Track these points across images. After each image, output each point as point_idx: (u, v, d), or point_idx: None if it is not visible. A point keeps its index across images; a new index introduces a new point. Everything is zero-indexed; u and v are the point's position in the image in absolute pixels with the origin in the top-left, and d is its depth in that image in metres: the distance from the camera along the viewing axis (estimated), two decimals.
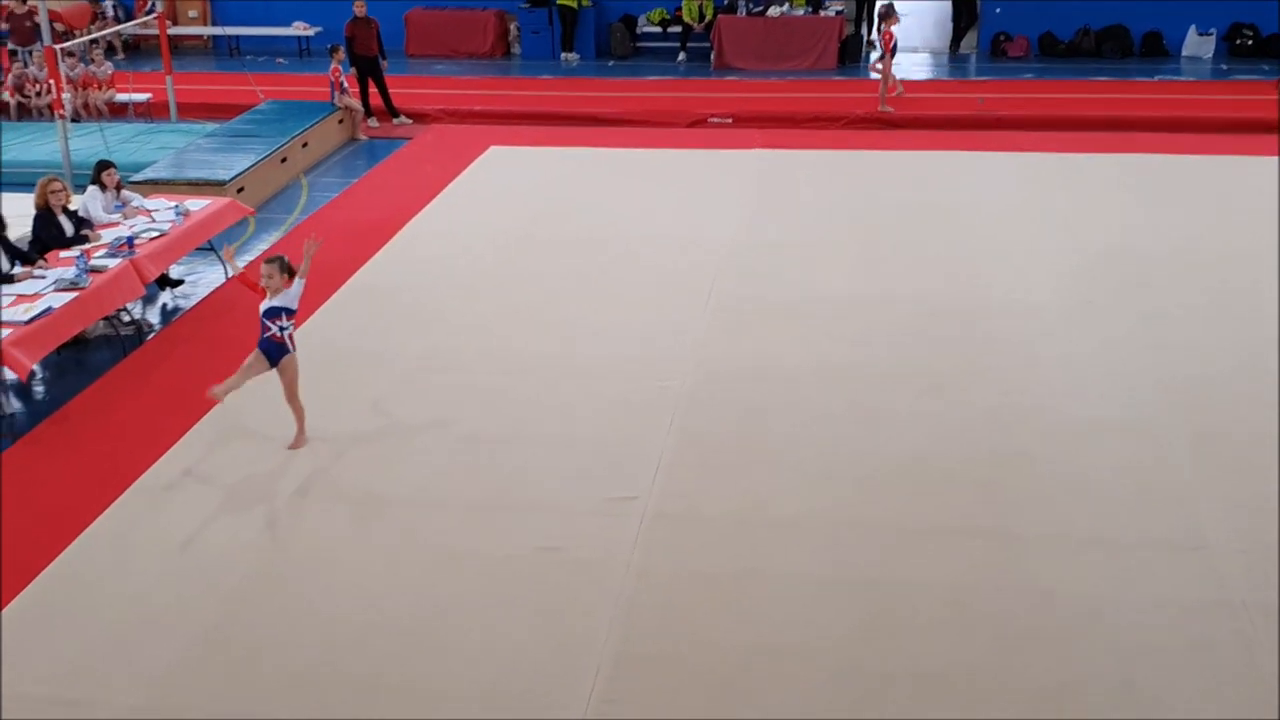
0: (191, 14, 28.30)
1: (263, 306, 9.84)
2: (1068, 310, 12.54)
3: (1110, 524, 8.92)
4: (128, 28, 25.28)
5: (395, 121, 21.57)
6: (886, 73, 20.94)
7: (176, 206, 13.64)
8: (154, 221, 13.27)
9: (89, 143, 18.14)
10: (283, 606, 8.20)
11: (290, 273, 9.90)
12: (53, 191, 12.60)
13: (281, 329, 9.84)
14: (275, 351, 9.87)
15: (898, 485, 9.44)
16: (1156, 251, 14.06)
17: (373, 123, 21.45)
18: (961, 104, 21.36)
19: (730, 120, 21.08)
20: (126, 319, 12.97)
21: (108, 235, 12.78)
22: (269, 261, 9.89)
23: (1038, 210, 15.64)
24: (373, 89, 21.44)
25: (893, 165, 17.87)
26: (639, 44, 26.79)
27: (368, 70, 21.24)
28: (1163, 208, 15.58)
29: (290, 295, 9.86)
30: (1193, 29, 24.95)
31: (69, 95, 17.87)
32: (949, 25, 26.53)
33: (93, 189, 13.52)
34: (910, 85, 22.26)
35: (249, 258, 15.01)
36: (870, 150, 18.72)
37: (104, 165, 13.70)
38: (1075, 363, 11.37)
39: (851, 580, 8.32)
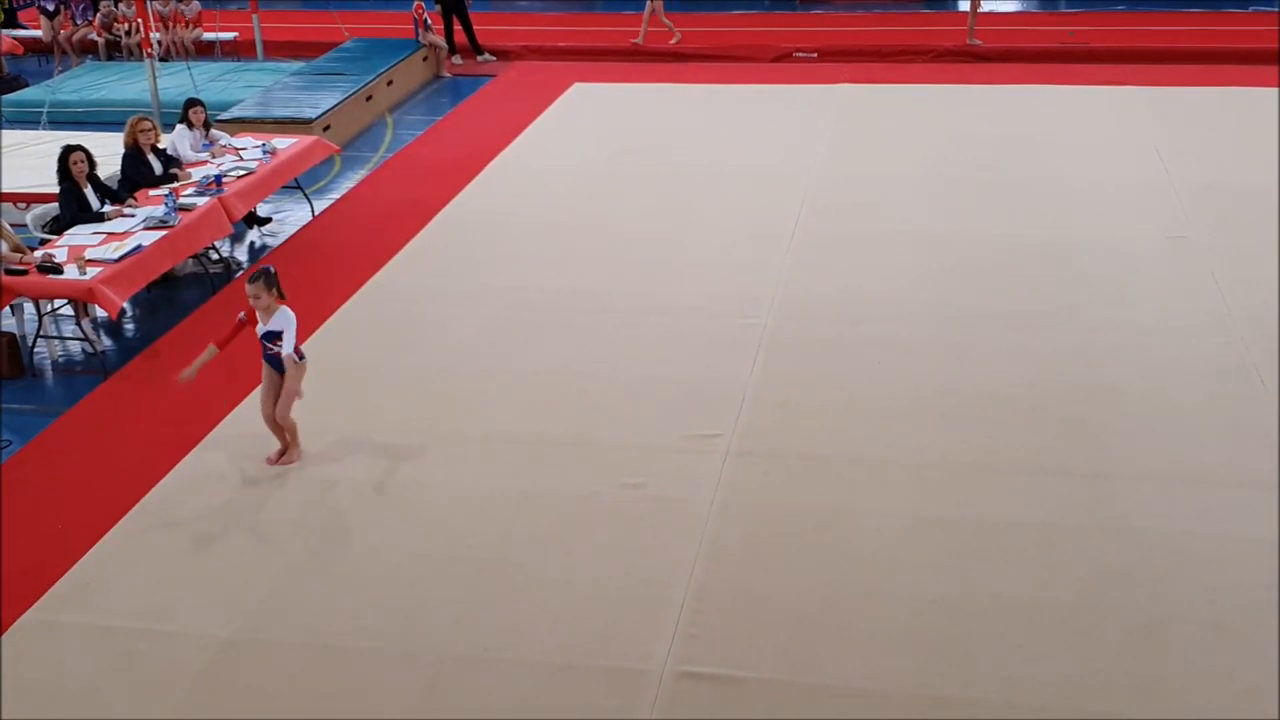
0: None
1: (259, 330, 8.84)
2: (1159, 246, 12.34)
3: (1199, 462, 8.79)
4: None
5: (479, 59, 21.54)
6: (975, 3, 20.63)
7: (264, 145, 13.74)
8: (241, 160, 13.38)
9: (177, 81, 18.28)
10: (369, 541, 8.29)
11: (278, 288, 8.82)
12: (142, 130, 12.71)
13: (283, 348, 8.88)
14: (280, 365, 8.94)
15: (984, 423, 9.36)
16: (1249, 187, 13.77)
17: (457, 60, 21.44)
18: (1051, 36, 21.00)
19: (816, 55, 20.86)
20: (215, 257, 13.09)
21: (196, 174, 12.91)
22: (253, 280, 8.77)
23: (1129, 145, 15.38)
24: (457, 26, 21.41)
25: (981, 99, 17.62)
26: None
27: (453, 7, 21.20)
28: (1256, 143, 15.23)
29: (283, 319, 8.79)
30: None
31: (157, 34, 17.98)
32: None
33: (181, 128, 13.63)
34: (1000, 18, 21.93)
35: (334, 196, 15.10)
36: (958, 84, 18.46)
37: (192, 103, 13.79)
38: (1166, 299, 11.19)
39: (936, 518, 8.27)
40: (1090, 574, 7.68)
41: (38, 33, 23.08)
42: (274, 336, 8.85)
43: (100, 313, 11.43)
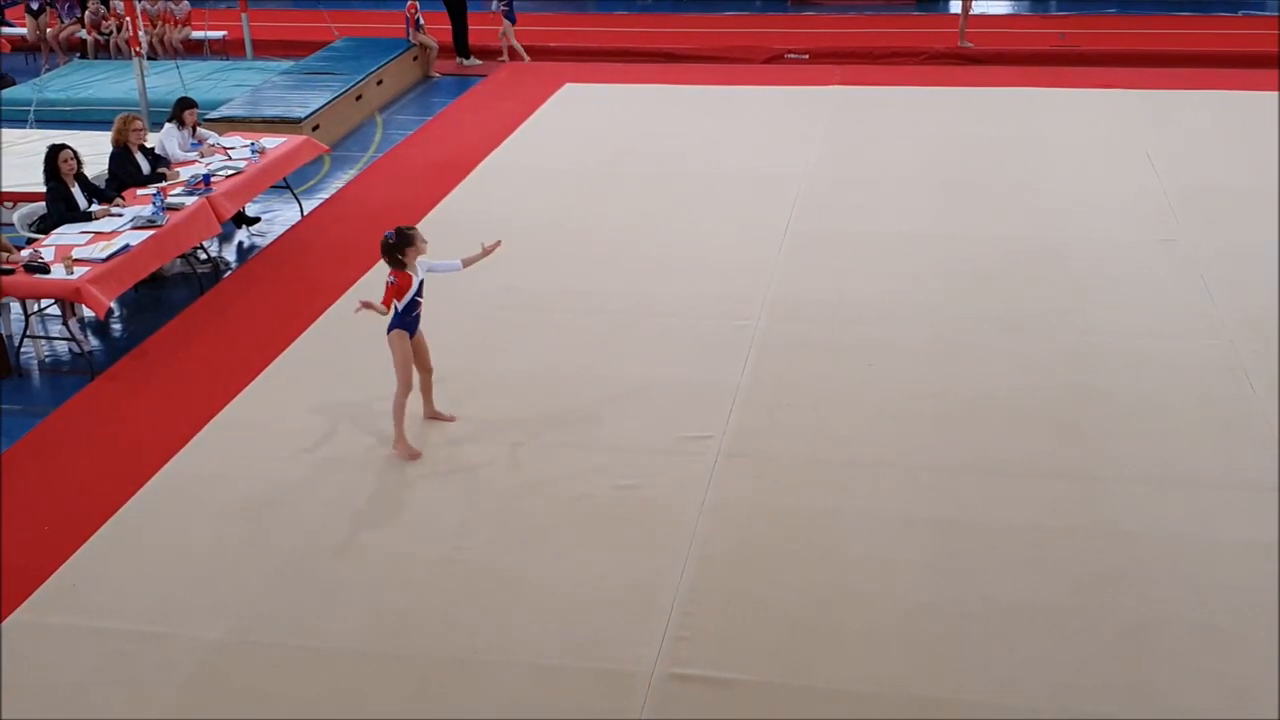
0: None
1: (416, 284, 9.09)
2: (1150, 249, 12.34)
3: (1192, 464, 8.79)
4: None
5: (465, 62, 21.41)
6: (966, 5, 20.64)
7: (252, 144, 13.69)
8: (230, 159, 13.31)
9: (165, 80, 18.22)
10: (360, 543, 8.25)
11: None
12: (130, 129, 12.64)
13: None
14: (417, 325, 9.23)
15: (976, 425, 9.34)
16: (1240, 189, 13.78)
17: (466, 61, 21.31)
18: (1042, 39, 21.03)
19: (807, 56, 20.85)
20: (203, 257, 13.05)
21: (184, 173, 12.85)
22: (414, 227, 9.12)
23: (1119, 148, 15.38)
24: (450, 25, 21.29)
25: (972, 101, 17.62)
26: None
27: (455, 6, 21.08)
28: (1246, 146, 15.26)
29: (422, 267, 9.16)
30: None
31: (145, 33, 17.91)
32: None
33: (169, 126, 13.57)
34: (991, 20, 21.97)
35: (323, 196, 15.05)
36: (950, 86, 18.45)
37: (186, 103, 13.72)
38: (1157, 301, 11.19)
39: (928, 520, 8.25)
40: (1082, 576, 7.67)
41: (24, 30, 22.98)
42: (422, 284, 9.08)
43: (87, 313, 11.37)
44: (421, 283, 9.09)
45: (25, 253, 10.94)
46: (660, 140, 16.26)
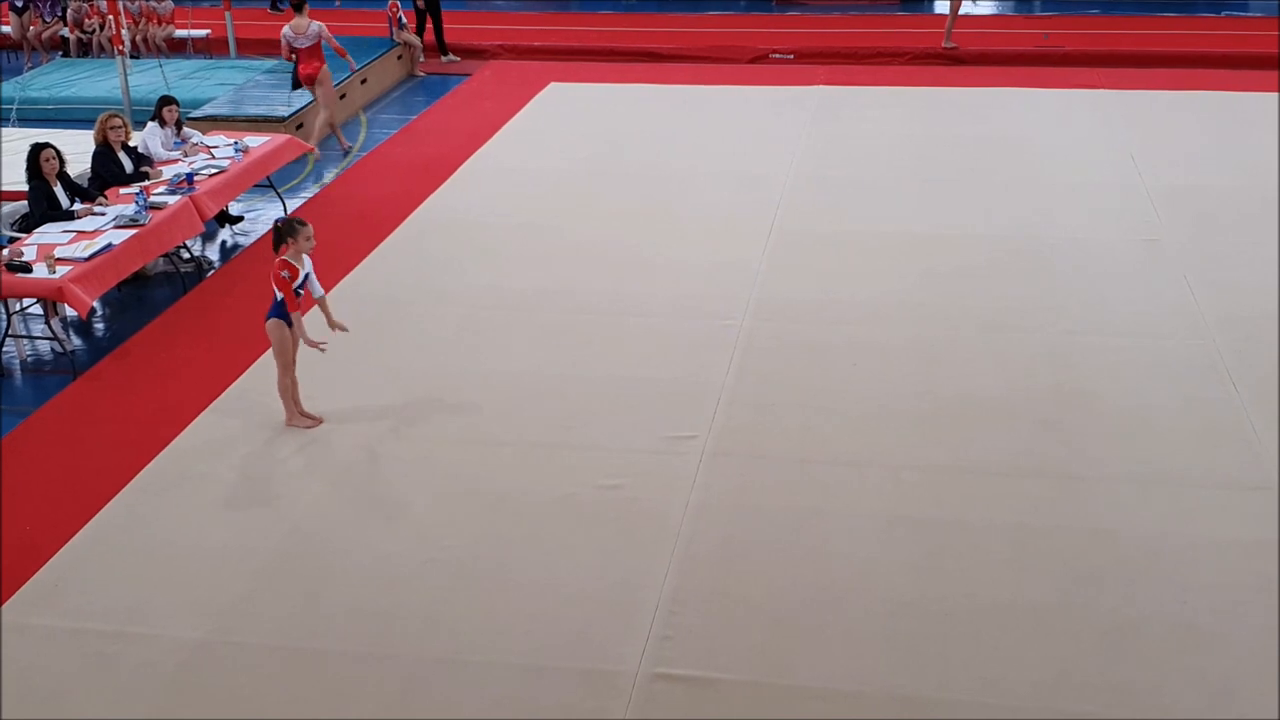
0: None
1: (305, 274, 9.35)
2: (1133, 249, 12.37)
3: (1174, 463, 8.82)
4: None
5: (443, 59, 21.35)
6: (954, 7, 20.64)
7: (236, 143, 13.64)
8: (213, 158, 13.27)
9: (148, 79, 18.14)
10: (342, 543, 8.23)
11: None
12: (113, 128, 12.58)
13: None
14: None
15: (959, 424, 9.36)
16: (1223, 190, 13.83)
17: (445, 58, 21.26)
18: (1026, 39, 21.05)
19: (792, 56, 20.85)
20: (186, 256, 13.00)
21: (167, 172, 12.80)
22: (306, 223, 9.36)
23: (1103, 148, 15.43)
24: (430, 24, 21.24)
25: (957, 101, 17.64)
26: None
27: (427, 5, 21.03)
28: (1229, 145, 15.32)
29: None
30: None
31: (128, 31, 17.84)
32: None
33: (152, 125, 13.52)
34: (975, 21, 21.99)
35: (306, 195, 15.02)
36: (934, 87, 18.47)
37: (166, 100, 13.68)
38: (1140, 302, 11.22)
39: (912, 519, 8.26)
40: (1065, 575, 7.69)
41: (6, 29, 22.88)
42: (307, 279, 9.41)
43: (70, 312, 11.33)
44: (307, 276, 9.36)
45: (6, 252, 10.90)
46: (645, 140, 16.25)
